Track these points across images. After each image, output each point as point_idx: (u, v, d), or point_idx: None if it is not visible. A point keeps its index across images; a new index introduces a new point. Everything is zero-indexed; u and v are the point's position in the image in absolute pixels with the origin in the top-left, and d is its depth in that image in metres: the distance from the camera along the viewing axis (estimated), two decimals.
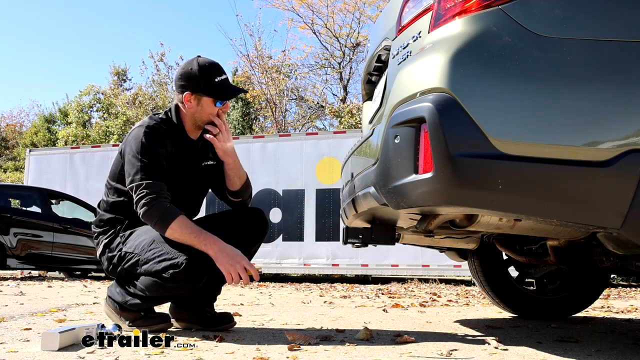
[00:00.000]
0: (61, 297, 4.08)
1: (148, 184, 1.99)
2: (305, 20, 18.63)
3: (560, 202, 1.45)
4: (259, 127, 20.01)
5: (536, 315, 2.89)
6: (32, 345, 1.78)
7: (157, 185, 2.01)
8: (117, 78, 22.77)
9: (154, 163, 2.03)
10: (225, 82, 2.15)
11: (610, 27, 1.51)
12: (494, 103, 1.48)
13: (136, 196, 2.00)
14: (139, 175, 2.00)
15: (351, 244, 2.18)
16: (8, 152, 24.87)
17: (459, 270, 8.02)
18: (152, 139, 2.05)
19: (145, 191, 1.98)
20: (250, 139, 9.32)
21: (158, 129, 2.09)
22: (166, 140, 2.11)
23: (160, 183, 2.02)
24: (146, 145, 2.04)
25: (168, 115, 2.18)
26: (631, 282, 8.64)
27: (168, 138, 2.12)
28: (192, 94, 2.12)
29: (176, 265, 1.94)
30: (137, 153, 2.03)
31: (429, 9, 1.69)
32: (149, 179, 2.00)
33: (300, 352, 1.72)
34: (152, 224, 2.00)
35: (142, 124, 2.12)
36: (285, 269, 8.89)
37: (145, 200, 1.97)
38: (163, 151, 2.08)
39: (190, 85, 2.12)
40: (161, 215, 1.97)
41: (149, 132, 2.06)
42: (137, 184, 2.00)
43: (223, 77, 2.15)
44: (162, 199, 1.99)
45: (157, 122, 2.12)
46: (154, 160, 2.04)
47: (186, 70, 2.13)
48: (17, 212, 8.17)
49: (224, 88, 2.15)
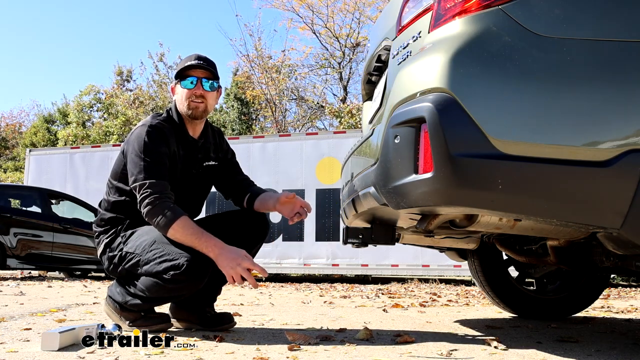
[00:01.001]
0: (61, 297, 4.08)
1: (151, 183, 1.99)
2: (305, 20, 18.65)
3: (560, 202, 1.45)
4: (259, 127, 20.01)
5: (536, 315, 2.89)
6: (32, 345, 1.78)
7: (161, 185, 2.01)
8: (119, 78, 22.77)
9: (157, 162, 2.03)
10: (193, 65, 2.13)
11: (610, 27, 1.51)
12: (494, 103, 1.48)
13: (139, 195, 2.00)
14: (142, 174, 2.00)
15: (351, 244, 2.18)
16: (8, 152, 24.86)
17: (459, 270, 8.02)
18: (154, 138, 2.06)
19: (148, 190, 1.98)
20: (250, 139, 9.32)
21: (160, 128, 2.09)
22: (168, 139, 2.11)
23: (163, 182, 2.02)
24: (149, 144, 2.04)
25: (169, 114, 2.19)
26: (631, 282, 8.64)
27: (170, 137, 2.12)
28: (174, 84, 2.20)
29: (177, 266, 1.94)
30: (140, 152, 2.03)
31: (429, 9, 1.69)
32: (152, 179, 2.00)
33: (300, 352, 1.72)
34: (155, 223, 2.00)
35: (145, 123, 2.12)
36: (285, 269, 8.89)
37: (149, 200, 1.98)
38: (166, 150, 2.08)
39: (174, 77, 2.20)
40: (164, 215, 1.96)
41: (151, 131, 2.07)
42: (141, 184, 2.00)
43: (193, 62, 2.13)
44: (166, 199, 1.99)
45: (159, 121, 2.12)
46: (156, 159, 2.04)
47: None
48: (17, 212, 8.17)
49: (190, 70, 2.14)
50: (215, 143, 2.32)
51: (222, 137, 2.39)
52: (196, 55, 2.18)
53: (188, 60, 2.17)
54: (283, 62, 18.80)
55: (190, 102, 2.13)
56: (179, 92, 2.17)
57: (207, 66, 2.15)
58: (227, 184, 2.35)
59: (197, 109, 2.14)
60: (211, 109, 2.23)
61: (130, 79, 22.98)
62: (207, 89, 2.15)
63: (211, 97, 2.18)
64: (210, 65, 2.18)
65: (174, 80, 2.20)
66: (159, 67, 20.82)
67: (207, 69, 2.15)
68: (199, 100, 2.14)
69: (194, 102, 2.13)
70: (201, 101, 2.14)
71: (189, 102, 2.13)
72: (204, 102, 2.15)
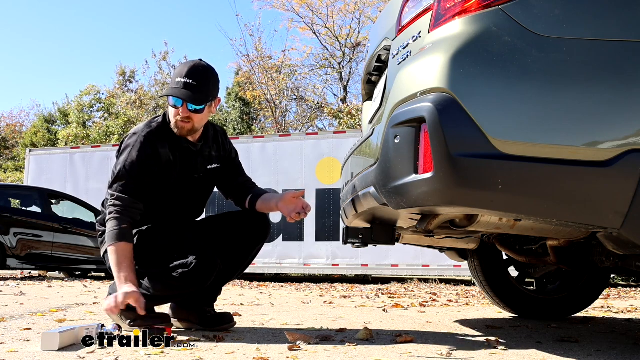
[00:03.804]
0: (61, 297, 4.08)
1: (120, 197, 2.03)
2: (306, 20, 18.65)
3: (560, 202, 1.45)
4: (259, 127, 20.01)
5: (536, 315, 2.89)
6: (32, 345, 1.78)
7: (128, 201, 2.03)
8: (122, 79, 22.76)
9: (135, 177, 2.04)
10: (182, 83, 2.01)
11: (610, 27, 1.51)
12: (493, 103, 1.48)
13: (108, 203, 2.05)
14: (116, 185, 2.05)
15: (351, 244, 2.18)
16: (8, 152, 24.86)
17: (459, 270, 8.02)
18: (143, 153, 2.05)
19: (114, 202, 2.03)
20: (250, 139, 9.31)
21: (152, 139, 2.08)
22: (161, 148, 2.09)
23: (131, 199, 2.04)
24: (134, 157, 2.04)
25: (165, 119, 2.16)
26: (631, 282, 8.64)
27: (163, 145, 2.10)
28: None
29: (185, 264, 1.96)
30: (124, 161, 2.05)
31: (429, 9, 1.69)
32: (123, 193, 2.03)
33: (300, 352, 1.72)
34: (105, 235, 2.05)
35: (137, 131, 2.11)
36: (285, 269, 8.89)
37: (110, 211, 2.02)
38: (152, 163, 2.07)
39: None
40: (111, 231, 1.99)
41: (143, 143, 2.06)
42: (111, 193, 2.05)
43: (183, 80, 2.01)
44: (125, 216, 2.01)
45: (152, 129, 2.10)
46: (136, 174, 2.04)
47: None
48: (17, 212, 8.17)
49: (175, 89, 2.03)
50: (218, 143, 2.31)
51: (225, 136, 2.37)
52: (187, 70, 2.03)
53: (179, 75, 2.04)
54: (283, 62, 18.81)
55: (177, 122, 2.08)
56: (168, 105, 2.11)
57: (194, 87, 2.02)
58: (229, 185, 2.34)
59: (183, 129, 2.09)
60: (200, 126, 2.14)
61: (133, 79, 22.98)
62: (191, 110, 2.05)
63: (198, 117, 2.09)
64: (200, 83, 2.03)
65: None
66: (162, 66, 20.82)
67: (194, 90, 2.02)
68: (185, 121, 2.07)
69: (180, 122, 2.08)
70: (187, 122, 2.07)
71: (176, 121, 2.09)
72: (190, 122, 2.08)
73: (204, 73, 2.06)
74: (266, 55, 18.88)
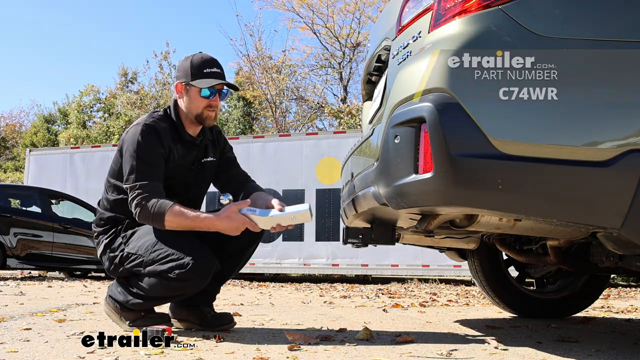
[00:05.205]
0: (61, 297, 4.08)
1: (142, 184, 2.01)
2: (306, 20, 18.65)
3: (560, 202, 1.45)
4: (260, 127, 20.01)
5: (536, 315, 2.89)
6: (32, 345, 1.78)
7: (151, 185, 2.02)
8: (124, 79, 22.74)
9: (149, 163, 2.04)
10: (214, 74, 2.12)
11: (610, 27, 1.51)
12: (493, 103, 1.48)
13: (131, 197, 2.02)
14: (134, 175, 2.03)
15: (351, 244, 2.18)
16: (8, 152, 24.86)
17: (459, 270, 8.01)
18: (148, 138, 2.06)
19: (138, 191, 2.01)
20: (250, 139, 9.32)
21: (155, 127, 2.09)
22: (164, 138, 2.10)
23: (154, 183, 2.03)
24: (142, 145, 2.04)
25: (167, 113, 2.19)
26: (631, 282, 8.64)
27: (166, 136, 2.11)
28: (183, 83, 2.14)
29: (182, 265, 1.95)
30: (133, 152, 2.04)
31: (429, 9, 1.69)
32: (143, 180, 2.02)
33: (300, 352, 1.72)
34: (149, 222, 2.02)
35: (140, 122, 2.12)
36: (285, 269, 8.89)
37: (137, 201, 2.00)
38: (160, 150, 2.08)
39: (182, 75, 2.15)
40: (153, 210, 1.98)
41: (145, 130, 2.07)
42: (132, 185, 2.03)
43: (213, 70, 2.13)
44: (153, 197, 2.00)
45: (154, 120, 2.12)
46: (149, 160, 2.05)
47: (183, 62, 2.18)
48: (17, 212, 8.17)
49: (210, 79, 2.12)
50: (214, 139, 2.33)
51: (220, 132, 2.40)
52: (213, 60, 2.15)
53: (207, 65, 2.13)
54: (283, 62, 18.81)
55: (205, 111, 2.14)
56: (192, 96, 2.13)
57: (224, 76, 2.17)
58: (224, 178, 2.35)
59: (210, 117, 2.17)
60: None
61: (135, 80, 22.97)
62: (222, 99, 2.19)
63: (219, 105, 2.23)
64: (223, 71, 2.18)
65: (183, 79, 2.14)
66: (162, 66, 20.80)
67: (225, 80, 2.16)
68: (213, 110, 2.16)
69: (208, 111, 2.15)
70: (214, 110, 2.17)
71: (204, 110, 2.14)
72: (215, 111, 2.18)
73: (219, 63, 2.19)
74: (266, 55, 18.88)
